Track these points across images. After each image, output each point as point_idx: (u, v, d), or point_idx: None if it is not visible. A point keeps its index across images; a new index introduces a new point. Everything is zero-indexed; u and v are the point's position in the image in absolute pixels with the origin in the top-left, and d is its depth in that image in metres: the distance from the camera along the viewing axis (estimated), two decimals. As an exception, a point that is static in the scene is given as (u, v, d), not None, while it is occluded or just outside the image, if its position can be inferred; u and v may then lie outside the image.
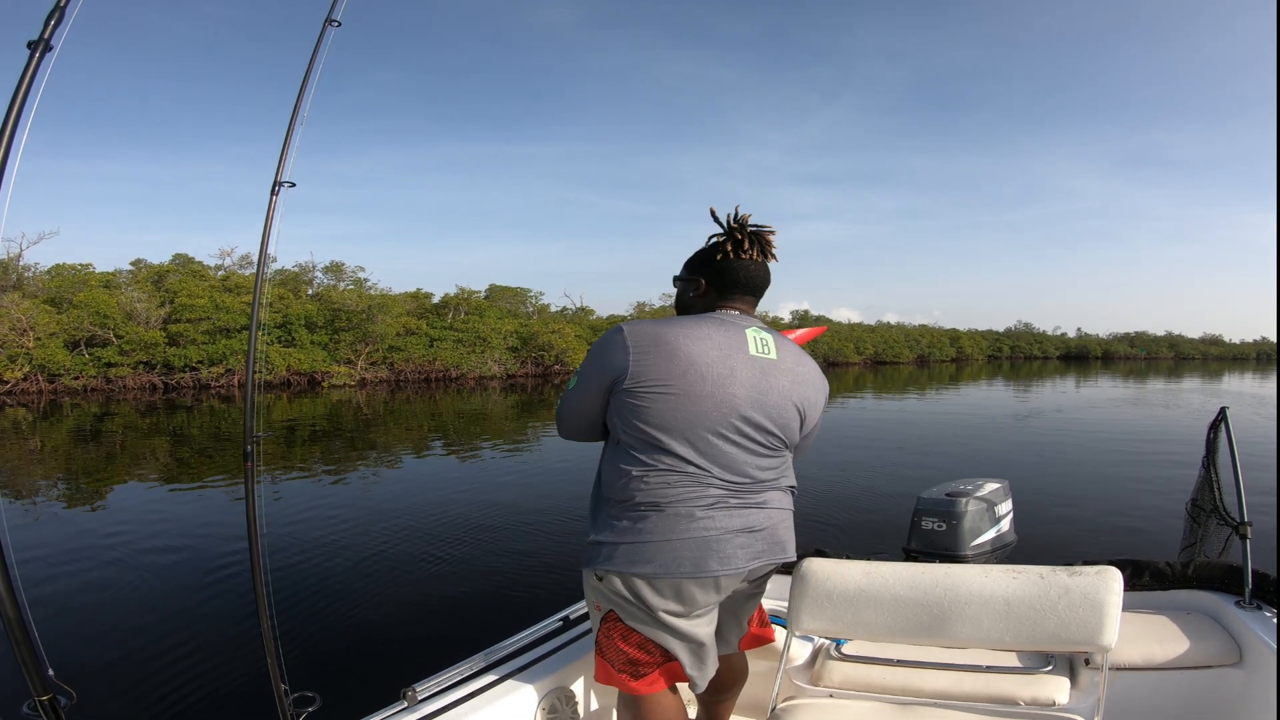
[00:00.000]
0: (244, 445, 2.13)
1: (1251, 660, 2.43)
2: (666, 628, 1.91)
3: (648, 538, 1.84)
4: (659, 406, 1.83)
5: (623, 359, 1.84)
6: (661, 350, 1.83)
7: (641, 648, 1.93)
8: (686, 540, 1.83)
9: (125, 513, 9.27)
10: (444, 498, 9.91)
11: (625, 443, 1.89)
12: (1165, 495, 9.62)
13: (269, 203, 2.16)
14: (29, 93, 1.54)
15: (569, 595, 2.61)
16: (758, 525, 1.93)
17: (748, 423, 1.89)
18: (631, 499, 1.87)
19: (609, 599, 1.94)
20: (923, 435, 17.44)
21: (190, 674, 4.65)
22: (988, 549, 3.78)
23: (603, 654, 1.98)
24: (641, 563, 1.84)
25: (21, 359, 29.65)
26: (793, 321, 70.63)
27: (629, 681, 1.94)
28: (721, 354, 1.87)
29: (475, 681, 2.15)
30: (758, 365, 1.92)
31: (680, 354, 1.83)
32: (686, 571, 1.83)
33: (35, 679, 1.51)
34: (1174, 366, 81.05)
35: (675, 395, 1.82)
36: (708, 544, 1.85)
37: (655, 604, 1.87)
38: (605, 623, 1.97)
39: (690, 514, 1.84)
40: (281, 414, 22.38)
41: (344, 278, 44.92)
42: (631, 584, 1.87)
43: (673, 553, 1.83)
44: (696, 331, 1.88)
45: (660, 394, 1.82)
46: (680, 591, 1.87)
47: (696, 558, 1.84)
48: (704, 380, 1.83)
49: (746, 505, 1.92)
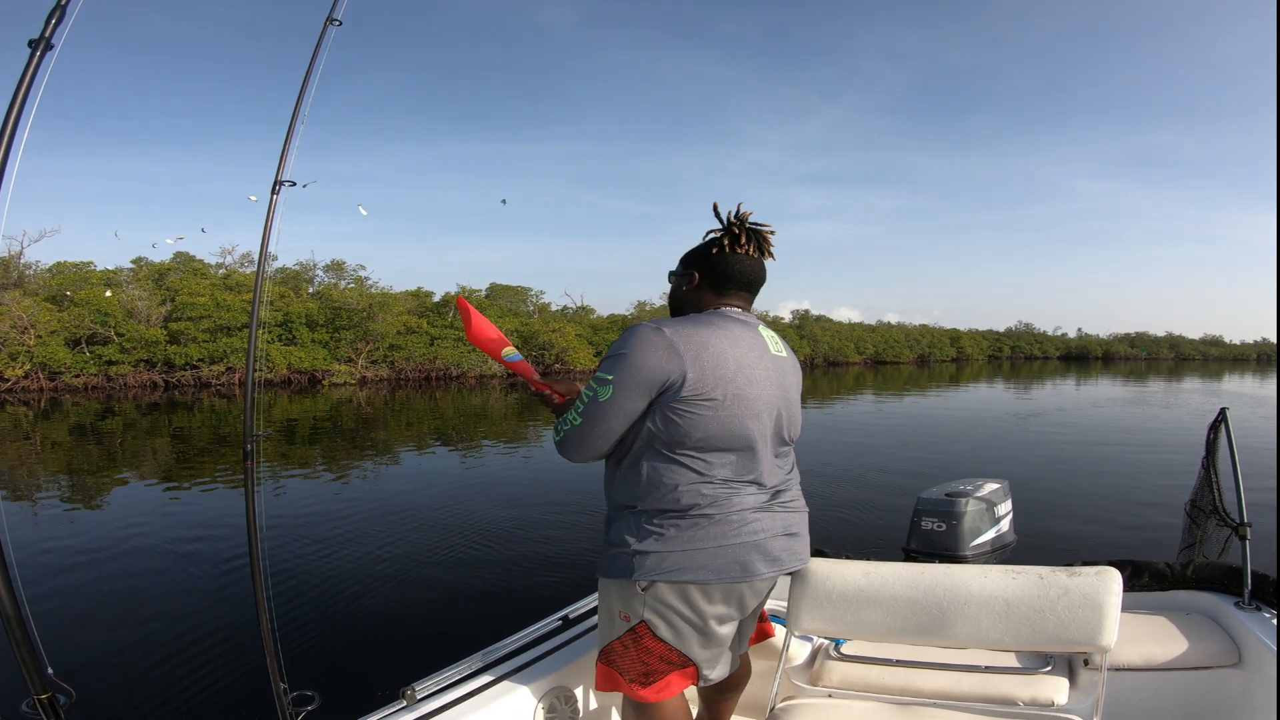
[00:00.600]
0: (244, 444, 2.13)
1: (1251, 661, 2.43)
2: (706, 634, 1.90)
3: (701, 544, 1.81)
4: (716, 414, 1.77)
5: (676, 364, 1.74)
6: (711, 355, 1.77)
7: (664, 658, 1.89)
8: (739, 545, 1.83)
9: (125, 511, 9.28)
10: (444, 497, 9.92)
11: (668, 451, 1.81)
12: (1165, 496, 9.61)
13: (270, 201, 2.16)
14: (30, 91, 1.54)
15: (568, 594, 2.61)
16: (793, 527, 1.96)
17: (779, 424, 1.92)
18: (679, 506, 1.81)
19: (652, 609, 1.87)
20: (923, 434, 17.43)
21: (189, 672, 4.65)
22: (987, 549, 3.78)
23: (613, 663, 1.94)
24: (695, 569, 1.81)
25: (23, 357, 29.68)
26: (793, 322, 70.59)
27: (639, 690, 1.91)
28: (755, 355, 1.86)
29: (474, 681, 2.15)
30: (778, 365, 1.93)
31: (729, 359, 1.79)
32: (738, 576, 1.84)
33: (34, 677, 1.51)
34: (1174, 367, 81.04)
35: (729, 402, 1.77)
36: (758, 548, 1.85)
37: (707, 611, 1.86)
38: (631, 634, 1.91)
39: (743, 519, 1.84)
40: (282, 412, 22.39)
41: (345, 276, 45.02)
42: (686, 592, 1.84)
43: (727, 558, 1.82)
44: (732, 334, 1.85)
45: (716, 401, 1.76)
46: (732, 596, 1.87)
47: (747, 561, 1.84)
48: (751, 384, 1.81)
49: (785, 508, 1.94)
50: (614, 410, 1.78)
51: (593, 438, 1.83)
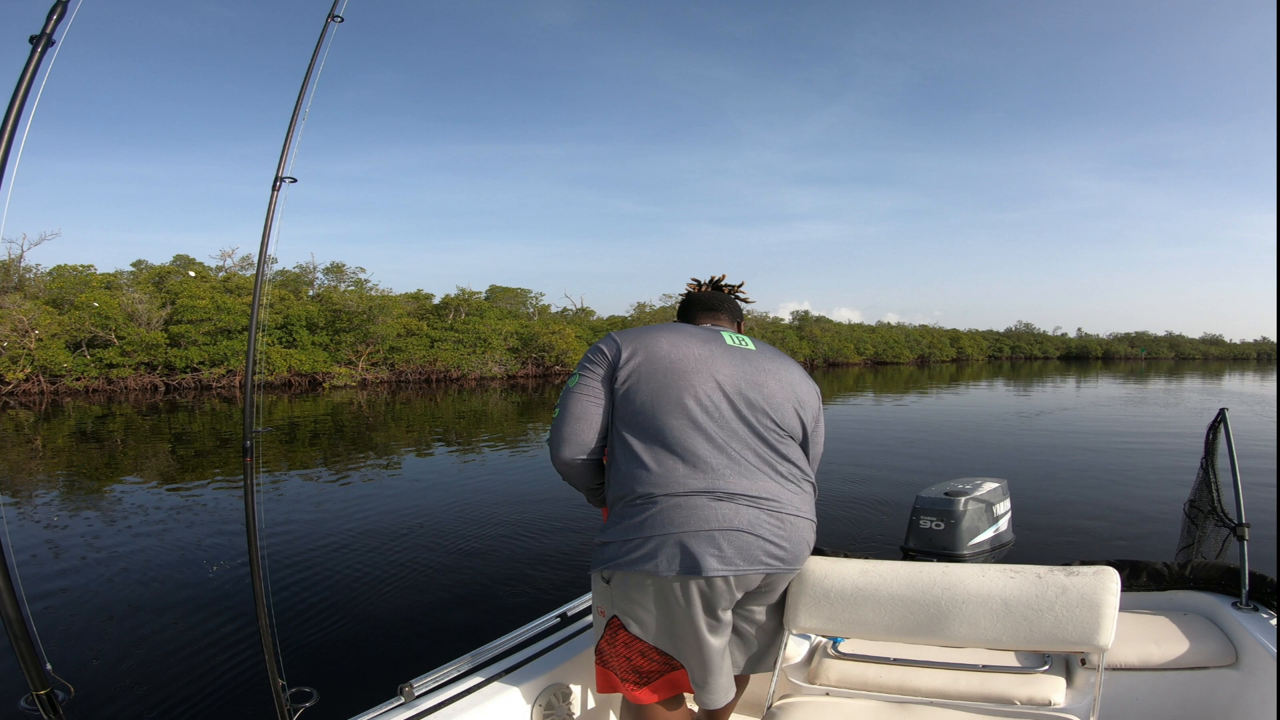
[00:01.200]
0: (244, 440, 2.13)
1: (1248, 662, 2.43)
2: (675, 634, 1.86)
3: (649, 531, 1.80)
4: (651, 381, 1.89)
5: (616, 346, 1.96)
6: (647, 337, 1.97)
7: (645, 655, 1.89)
8: (689, 534, 1.78)
9: (125, 511, 9.27)
10: (444, 496, 9.92)
11: (623, 432, 1.90)
12: (1163, 496, 9.63)
13: (270, 198, 2.16)
14: (30, 88, 1.55)
15: (566, 592, 2.62)
16: (763, 528, 1.85)
17: (741, 405, 1.91)
18: (632, 493, 1.84)
19: (618, 603, 1.89)
20: (923, 434, 17.42)
21: (188, 669, 4.65)
22: (986, 548, 3.78)
23: (605, 663, 1.94)
24: (645, 559, 1.80)
25: (23, 360, 29.64)
26: (793, 322, 70.52)
27: (633, 690, 1.91)
28: (699, 342, 1.98)
29: (472, 678, 2.15)
30: (738, 354, 1.98)
31: (662, 339, 1.96)
32: (690, 568, 1.78)
33: (34, 674, 1.52)
34: (1174, 366, 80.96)
35: (661, 368, 1.90)
36: (711, 541, 1.78)
37: (675, 607, 1.82)
38: (609, 629, 1.93)
39: (693, 507, 1.79)
40: (283, 414, 22.38)
41: (344, 279, 44.95)
42: (642, 583, 1.83)
43: (675, 548, 1.78)
44: (678, 329, 2.03)
45: (647, 365, 1.91)
46: (691, 592, 1.81)
47: (698, 554, 1.78)
48: (685, 359, 1.92)
49: (758, 506, 1.86)
50: (579, 392, 1.94)
51: (569, 421, 1.94)
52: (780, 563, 1.89)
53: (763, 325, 63.02)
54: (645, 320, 52.71)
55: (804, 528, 1.96)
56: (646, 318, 53.47)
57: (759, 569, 1.85)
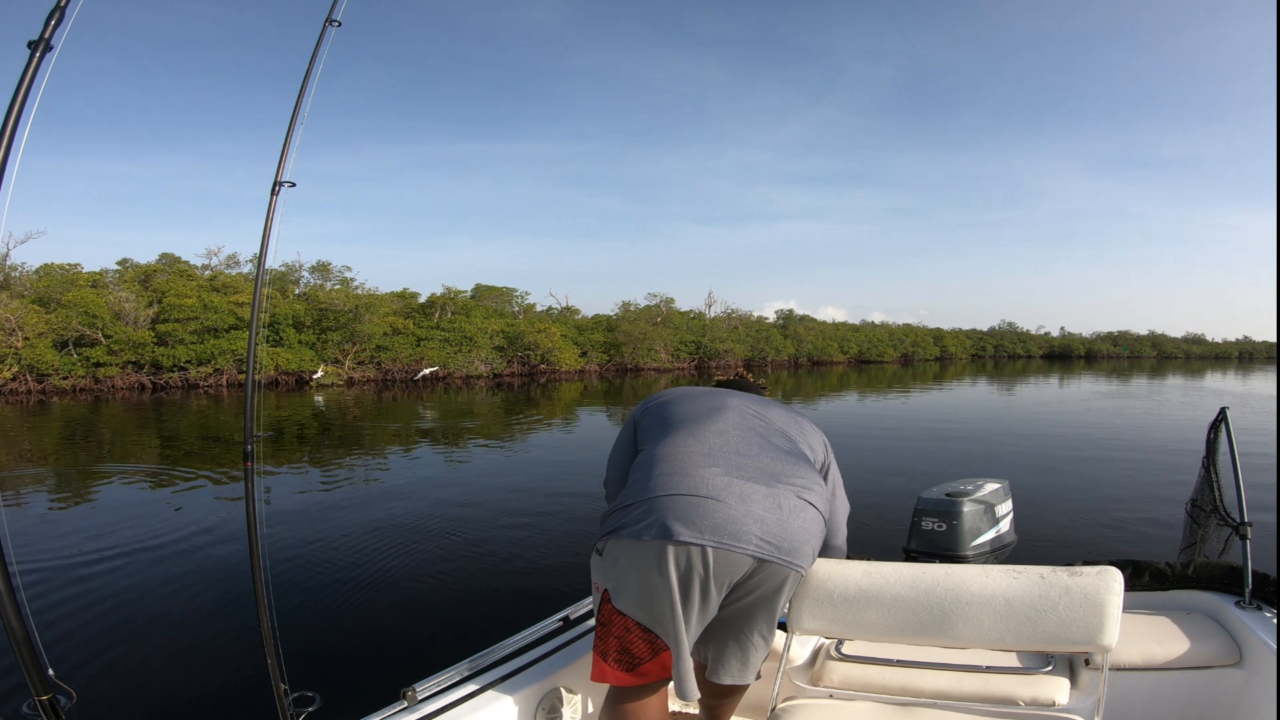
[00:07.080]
0: (244, 445, 2.12)
1: (1251, 661, 2.45)
2: (655, 608, 1.87)
3: (632, 498, 1.94)
4: (660, 414, 2.24)
5: (638, 408, 2.37)
6: (661, 392, 2.39)
7: (632, 632, 1.91)
8: (664, 499, 1.89)
9: (124, 513, 9.17)
10: (444, 498, 9.86)
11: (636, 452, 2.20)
12: (1165, 495, 9.68)
13: (269, 203, 2.15)
14: (29, 93, 1.53)
15: (569, 595, 2.61)
16: (753, 508, 1.89)
17: (753, 418, 2.18)
18: (633, 480, 2.03)
19: (607, 572, 1.97)
20: (923, 433, 17.47)
21: (190, 674, 4.63)
22: (988, 549, 3.79)
23: (601, 642, 1.96)
24: (628, 525, 1.90)
25: (10, 359, 29.38)
26: (777, 321, 70.55)
27: (619, 673, 1.92)
28: (705, 391, 2.36)
29: (475, 681, 2.15)
30: (748, 397, 2.32)
31: (674, 389, 2.39)
32: (658, 534, 1.84)
33: (35, 679, 1.51)
34: (1157, 365, 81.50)
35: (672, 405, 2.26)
36: (684, 507, 1.86)
37: (652, 576, 1.86)
38: (603, 605, 1.97)
39: (672, 469, 1.96)
40: (271, 413, 22.25)
41: (331, 277, 44.75)
42: (624, 548, 1.91)
43: (647, 510, 1.89)
44: (689, 388, 2.42)
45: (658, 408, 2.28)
46: (665, 560, 1.84)
47: (666, 518, 1.85)
48: (690, 397, 2.29)
49: (747, 477, 1.95)
50: (617, 447, 2.33)
51: (610, 467, 2.31)
52: (772, 548, 1.87)
53: (747, 324, 63.03)
54: (630, 318, 52.65)
55: (805, 525, 1.95)
56: (631, 316, 53.34)
57: (745, 549, 1.84)
